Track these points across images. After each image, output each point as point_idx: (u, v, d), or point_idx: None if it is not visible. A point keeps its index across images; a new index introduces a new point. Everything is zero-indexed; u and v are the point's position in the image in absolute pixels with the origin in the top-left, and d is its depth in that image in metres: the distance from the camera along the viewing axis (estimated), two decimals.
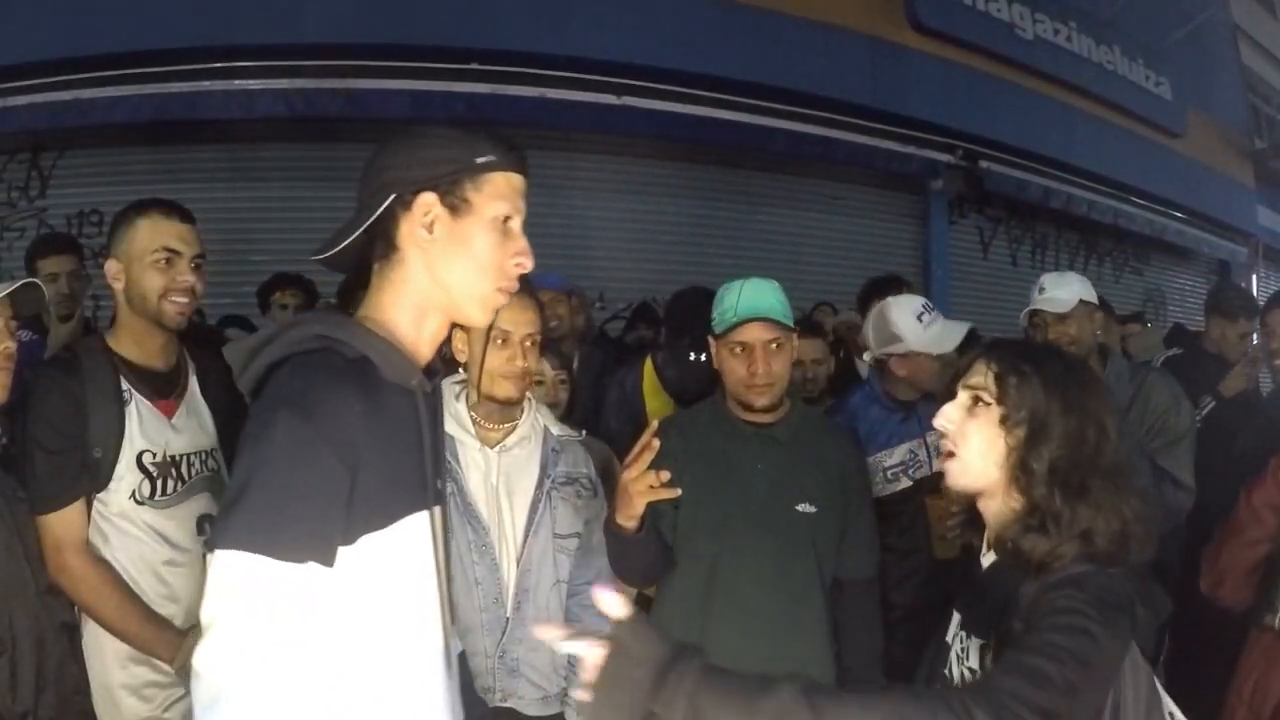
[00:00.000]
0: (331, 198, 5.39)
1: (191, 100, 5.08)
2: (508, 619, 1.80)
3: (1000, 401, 1.24)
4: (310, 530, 0.98)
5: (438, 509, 1.15)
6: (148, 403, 1.78)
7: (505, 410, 1.84)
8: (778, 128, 6.21)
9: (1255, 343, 3.24)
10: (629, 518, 1.67)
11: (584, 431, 2.08)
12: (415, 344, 1.12)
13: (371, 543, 1.04)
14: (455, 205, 1.08)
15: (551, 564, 1.86)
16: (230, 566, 0.96)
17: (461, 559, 1.78)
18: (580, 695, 0.95)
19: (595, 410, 2.99)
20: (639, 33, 5.73)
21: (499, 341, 1.77)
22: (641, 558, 1.82)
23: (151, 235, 1.76)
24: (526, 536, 1.83)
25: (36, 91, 5.07)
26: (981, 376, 1.27)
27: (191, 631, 1.74)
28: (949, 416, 1.29)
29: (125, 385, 1.76)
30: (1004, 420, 1.23)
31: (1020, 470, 1.21)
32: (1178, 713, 1.24)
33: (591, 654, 0.95)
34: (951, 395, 1.31)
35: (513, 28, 5.43)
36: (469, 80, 5.37)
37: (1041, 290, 2.38)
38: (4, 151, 5.50)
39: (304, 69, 5.13)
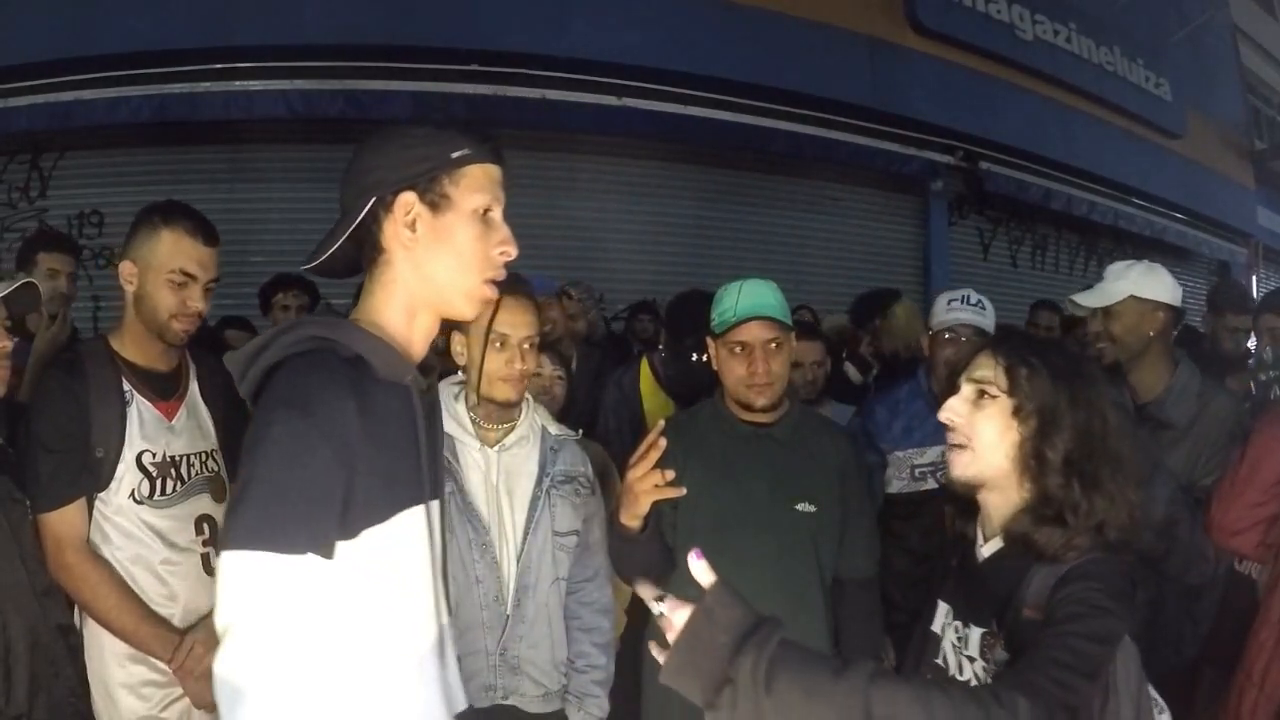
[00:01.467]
0: (331, 198, 5.32)
1: (192, 101, 5.08)
2: (508, 617, 1.80)
3: (1011, 394, 1.25)
4: (308, 522, 0.99)
5: (435, 503, 1.18)
6: (148, 404, 1.78)
7: (504, 411, 1.85)
8: (778, 129, 6.22)
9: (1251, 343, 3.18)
10: (633, 517, 1.68)
11: (581, 431, 2.08)
12: (408, 342, 1.14)
13: (371, 537, 1.06)
14: (435, 202, 1.10)
15: (551, 561, 1.86)
16: (237, 567, 0.98)
17: (462, 557, 1.78)
18: (656, 652, 0.98)
19: (593, 409, 2.99)
20: (640, 34, 5.73)
21: (497, 344, 1.77)
22: (644, 557, 1.82)
23: (172, 253, 1.75)
24: (526, 535, 1.83)
25: (37, 92, 5.08)
26: (988, 370, 1.28)
27: (190, 632, 1.74)
28: (955, 410, 1.29)
29: (127, 386, 1.76)
30: (1016, 411, 1.25)
31: (1034, 460, 1.23)
32: (1154, 693, 1.27)
33: (677, 614, 0.97)
34: (954, 390, 1.32)
35: (513, 28, 5.43)
36: (470, 81, 5.38)
37: (1101, 279, 2.21)
38: (4, 152, 5.50)
39: (304, 70, 5.14)
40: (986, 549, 1.31)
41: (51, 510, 1.67)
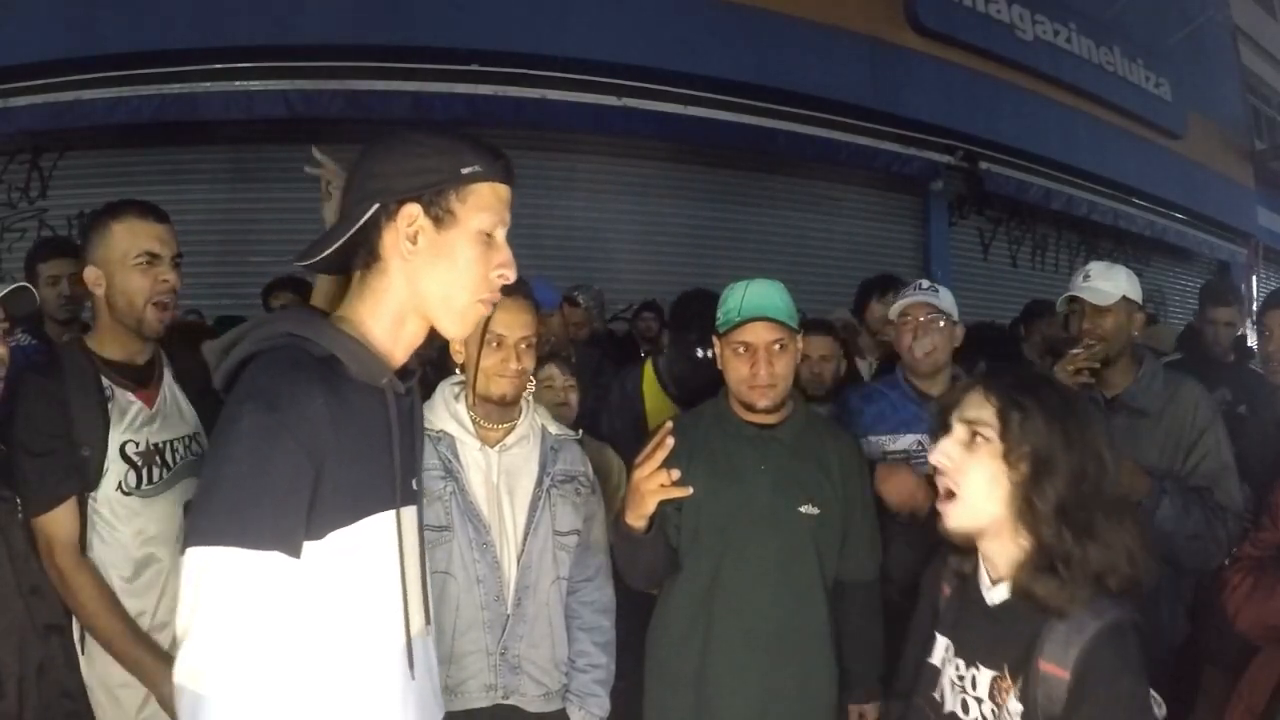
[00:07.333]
0: None
1: (192, 101, 5.08)
2: (508, 616, 1.80)
3: (1003, 438, 1.19)
4: (274, 518, 0.98)
5: (408, 509, 1.16)
6: (128, 394, 1.78)
7: (504, 410, 1.85)
8: (778, 129, 6.22)
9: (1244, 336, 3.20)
10: (639, 517, 1.68)
11: (581, 430, 2.08)
12: (391, 348, 1.12)
13: (338, 539, 1.04)
14: (439, 216, 1.08)
15: (551, 561, 1.86)
16: (201, 564, 0.96)
17: (463, 557, 1.78)
18: None
19: (592, 410, 2.99)
20: (639, 34, 5.73)
21: (493, 345, 1.78)
22: (649, 558, 1.82)
23: (130, 239, 1.75)
24: (527, 534, 1.83)
25: (37, 92, 5.08)
26: (980, 410, 1.22)
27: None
28: (947, 453, 1.24)
29: (106, 382, 1.76)
30: (1006, 457, 1.19)
31: (1026, 508, 1.18)
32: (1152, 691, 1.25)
33: None
34: (945, 428, 1.26)
35: (513, 29, 5.43)
36: (469, 81, 5.38)
37: (1086, 277, 2.23)
38: (4, 152, 5.50)
39: (304, 70, 5.14)
40: (995, 594, 1.27)
41: (42, 513, 1.67)
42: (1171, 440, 2.14)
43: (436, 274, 1.09)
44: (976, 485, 1.21)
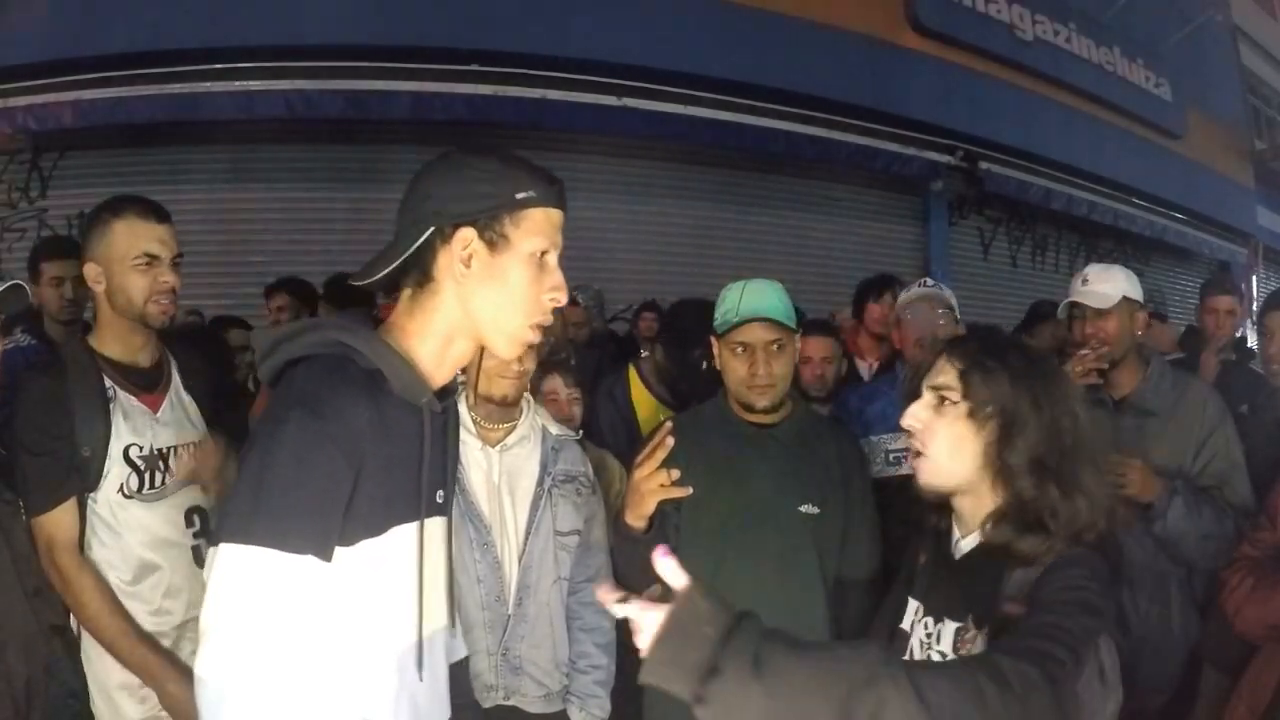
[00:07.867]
0: (331, 199, 5.40)
1: (192, 101, 5.08)
2: (509, 616, 1.81)
3: (965, 398, 1.24)
4: (311, 522, 1.02)
5: (432, 520, 1.19)
6: (132, 398, 1.78)
7: (505, 410, 1.85)
8: (778, 129, 6.22)
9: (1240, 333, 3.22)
10: (639, 517, 1.67)
11: (580, 431, 2.08)
12: (436, 366, 1.15)
13: (368, 548, 1.08)
14: (493, 240, 1.10)
15: (553, 561, 1.87)
16: (234, 561, 0.99)
17: (464, 557, 1.78)
18: (642, 649, 0.94)
19: (591, 412, 2.98)
20: (640, 34, 5.73)
21: None
22: (648, 558, 1.82)
23: (130, 240, 1.73)
24: (528, 534, 1.83)
25: (37, 92, 5.08)
26: (945, 375, 1.27)
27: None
28: (916, 415, 1.29)
29: (109, 383, 1.75)
30: (971, 415, 1.23)
31: (1001, 466, 1.22)
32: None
33: (647, 615, 0.95)
34: (917, 395, 1.30)
35: (513, 29, 5.43)
36: (470, 81, 5.38)
37: (1085, 281, 2.24)
38: (4, 152, 5.51)
39: (305, 70, 5.14)
40: (964, 544, 1.31)
41: (42, 513, 1.67)
42: (1180, 440, 2.13)
43: (489, 296, 1.11)
44: (941, 444, 1.25)
